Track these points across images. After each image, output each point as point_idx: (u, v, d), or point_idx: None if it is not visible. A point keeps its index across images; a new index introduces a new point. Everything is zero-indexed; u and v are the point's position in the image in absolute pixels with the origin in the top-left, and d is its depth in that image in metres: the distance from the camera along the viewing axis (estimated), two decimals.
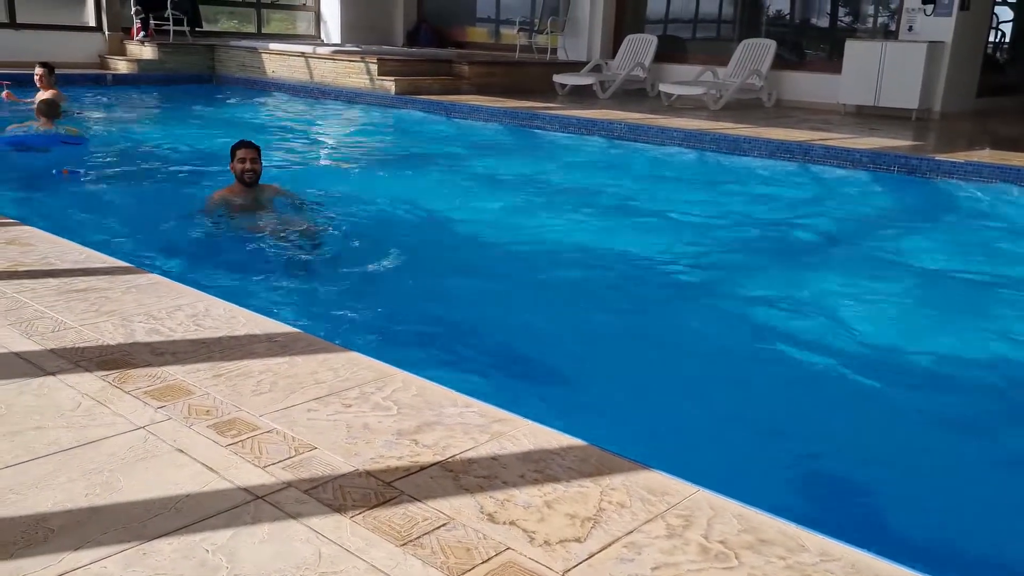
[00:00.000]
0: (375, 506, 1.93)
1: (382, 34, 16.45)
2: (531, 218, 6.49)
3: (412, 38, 16.58)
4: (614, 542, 1.84)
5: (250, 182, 5.47)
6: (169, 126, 10.19)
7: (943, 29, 10.82)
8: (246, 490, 1.98)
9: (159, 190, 6.85)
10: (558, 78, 12.71)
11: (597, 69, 13.09)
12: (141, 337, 2.86)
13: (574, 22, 14.21)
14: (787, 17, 13.74)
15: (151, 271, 3.68)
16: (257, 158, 5.47)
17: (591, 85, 12.57)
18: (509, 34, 15.27)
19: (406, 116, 11.28)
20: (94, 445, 2.15)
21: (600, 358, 3.87)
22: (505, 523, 1.89)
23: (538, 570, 1.74)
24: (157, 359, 2.69)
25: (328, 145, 9.95)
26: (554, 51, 14.41)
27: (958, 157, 7.72)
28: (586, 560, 1.78)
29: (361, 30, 16.13)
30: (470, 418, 2.38)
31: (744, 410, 3.38)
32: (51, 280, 3.41)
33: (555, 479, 2.08)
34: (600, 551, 1.81)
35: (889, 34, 11.89)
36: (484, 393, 2.61)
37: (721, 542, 1.85)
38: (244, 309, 3.20)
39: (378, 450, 2.18)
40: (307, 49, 13.47)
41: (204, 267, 4.71)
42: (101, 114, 10.69)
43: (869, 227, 6.64)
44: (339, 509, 1.92)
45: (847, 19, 13.10)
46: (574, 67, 13.28)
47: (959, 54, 10.97)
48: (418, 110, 11.35)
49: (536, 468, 2.13)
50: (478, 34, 16.62)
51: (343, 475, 2.06)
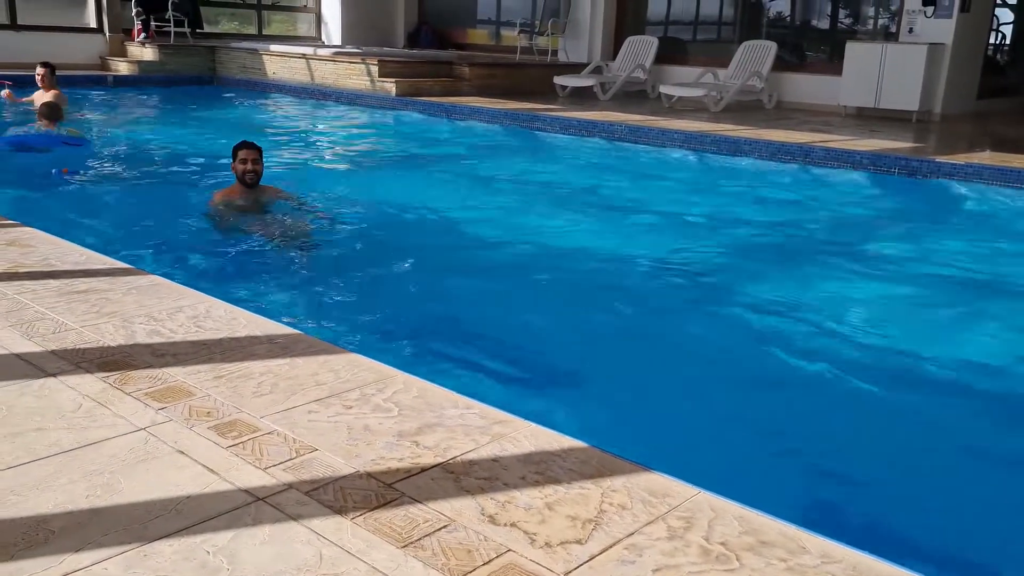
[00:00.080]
0: (376, 508, 1.93)
1: (383, 36, 16.45)
2: (531, 220, 6.50)
3: (413, 40, 16.59)
4: (615, 544, 1.84)
5: (251, 183, 5.47)
6: (170, 127, 10.20)
7: (943, 31, 10.82)
8: (247, 492, 1.98)
9: (160, 191, 6.85)
10: (559, 80, 12.71)
11: (598, 71, 13.09)
12: (142, 338, 2.86)
13: (575, 24, 14.21)
14: (787, 19, 13.75)
15: (152, 272, 3.68)
16: (258, 159, 5.47)
17: (592, 87, 12.57)
18: (510, 36, 15.27)
19: (407, 118, 11.28)
20: (95, 446, 2.15)
21: (601, 360, 3.87)
22: (506, 525, 1.89)
23: (539, 572, 1.74)
24: (158, 360, 2.69)
25: (328, 146, 9.95)
26: (555, 53, 14.41)
27: (958, 159, 7.72)
28: (587, 562, 1.78)
29: (362, 32, 16.14)
30: (471, 420, 2.38)
31: (745, 411, 3.38)
32: (52, 281, 3.41)
33: (556, 481, 2.08)
34: (601, 553, 1.81)
35: (889, 36, 11.89)
36: (485, 395, 2.61)
37: (722, 544, 1.85)
38: (245, 310, 3.20)
39: (379, 452, 2.18)
40: (308, 51, 13.48)
41: (205, 268, 4.71)
42: (102, 115, 10.70)
43: (869, 229, 6.64)
44: (340, 511, 1.92)
45: (847, 21, 13.11)
46: (575, 69, 13.28)
47: (959, 56, 10.97)
48: (419, 112, 11.35)
49: (537, 470, 2.13)
50: (479, 36, 16.62)
51: (344, 476, 2.06)
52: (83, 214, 5.76)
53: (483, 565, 1.75)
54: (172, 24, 14.09)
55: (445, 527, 1.87)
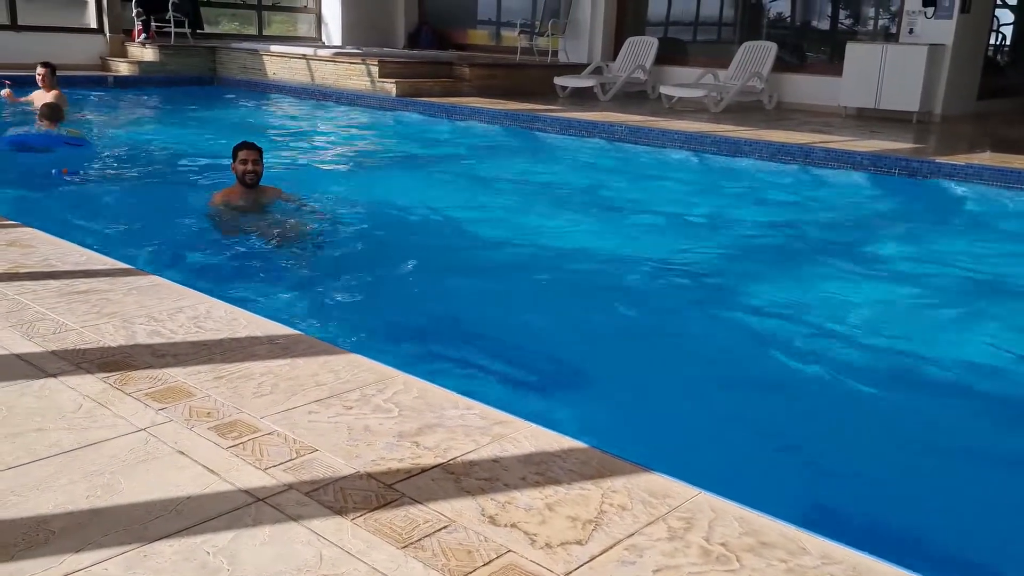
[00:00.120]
0: (376, 508, 1.93)
1: (383, 36, 16.46)
2: (532, 220, 6.50)
3: (413, 40, 16.59)
4: (615, 544, 1.84)
5: (251, 183, 5.47)
6: (170, 128, 10.20)
7: (944, 32, 10.82)
8: (247, 492, 1.98)
9: (160, 192, 6.85)
10: (559, 80, 12.72)
11: (598, 71, 13.09)
12: (142, 339, 2.86)
13: (575, 24, 14.22)
14: (788, 20, 13.75)
15: (152, 273, 3.68)
16: (259, 159, 5.47)
17: (592, 87, 12.57)
18: (510, 36, 15.27)
19: (407, 118, 11.28)
20: (95, 447, 2.15)
21: (601, 360, 3.87)
22: (506, 525, 1.89)
23: (539, 573, 1.74)
24: (158, 361, 2.69)
25: (329, 147, 9.95)
26: (555, 53, 14.41)
27: (959, 160, 7.72)
28: (587, 563, 1.78)
29: (362, 32, 16.14)
30: (471, 420, 2.38)
31: (745, 412, 3.38)
32: (52, 282, 3.41)
33: (556, 481, 2.08)
34: (601, 553, 1.81)
35: (890, 37, 11.89)
36: (485, 395, 2.61)
37: (722, 544, 1.85)
38: (245, 311, 3.20)
39: (379, 452, 2.18)
40: (308, 51, 13.48)
41: (205, 268, 4.71)
42: (102, 116, 10.70)
43: (869, 229, 6.64)
44: (340, 511, 1.92)
45: (848, 22, 13.11)
46: (575, 69, 13.29)
47: (960, 57, 10.97)
48: (419, 112, 11.36)
49: (537, 470, 2.13)
50: (479, 36, 16.63)
51: (344, 477, 2.06)
52: (84, 214, 5.76)
53: (483, 566, 1.75)
54: (172, 25, 14.10)
55: (445, 528, 1.87)
